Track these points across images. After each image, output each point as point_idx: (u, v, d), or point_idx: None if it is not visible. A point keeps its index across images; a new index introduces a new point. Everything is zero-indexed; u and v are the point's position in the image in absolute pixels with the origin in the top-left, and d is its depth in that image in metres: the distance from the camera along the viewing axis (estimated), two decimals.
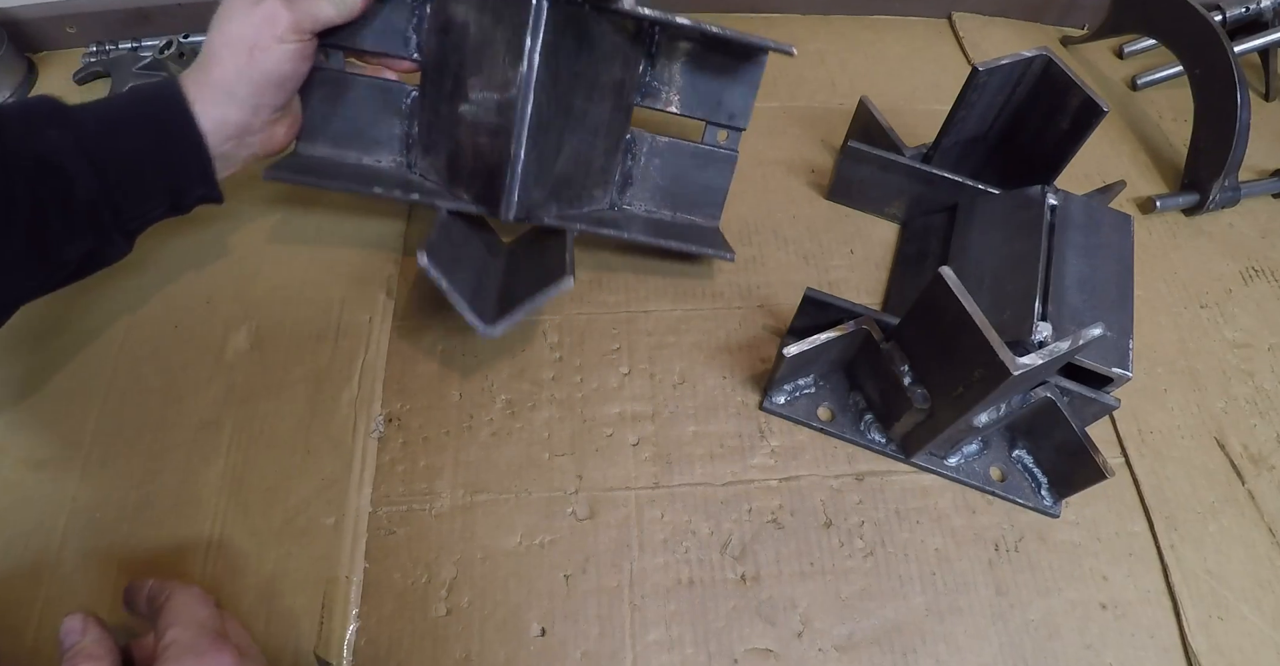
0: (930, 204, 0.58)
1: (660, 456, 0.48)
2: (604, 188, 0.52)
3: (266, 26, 0.42)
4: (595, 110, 0.48)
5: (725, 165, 0.53)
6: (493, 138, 0.45)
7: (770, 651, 0.42)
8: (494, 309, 0.46)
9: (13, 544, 0.43)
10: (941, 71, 0.72)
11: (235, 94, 0.42)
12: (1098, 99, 0.48)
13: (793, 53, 0.47)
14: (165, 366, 0.50)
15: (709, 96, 0.51)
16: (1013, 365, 0.36)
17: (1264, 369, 0.55)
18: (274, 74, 0.43)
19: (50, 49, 0.69)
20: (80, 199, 0.39)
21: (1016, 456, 0.49)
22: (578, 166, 0.49)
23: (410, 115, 0.50)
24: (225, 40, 0.42)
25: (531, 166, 0.45)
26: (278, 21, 0.42)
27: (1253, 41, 0.68)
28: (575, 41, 0.45)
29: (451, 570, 0.44)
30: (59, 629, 0.34)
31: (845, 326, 0.45)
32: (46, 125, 0.39)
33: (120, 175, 0.41)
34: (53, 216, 0.39)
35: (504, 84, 0.44)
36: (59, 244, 0.40)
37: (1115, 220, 0.53)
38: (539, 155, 0.45)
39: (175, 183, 0.43)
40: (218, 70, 0.42)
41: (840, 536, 0.46)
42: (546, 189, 0.48)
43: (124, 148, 0.41)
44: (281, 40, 0.42)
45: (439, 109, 0.48)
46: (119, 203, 0.41)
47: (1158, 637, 0.44)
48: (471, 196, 0.48)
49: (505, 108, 0.44)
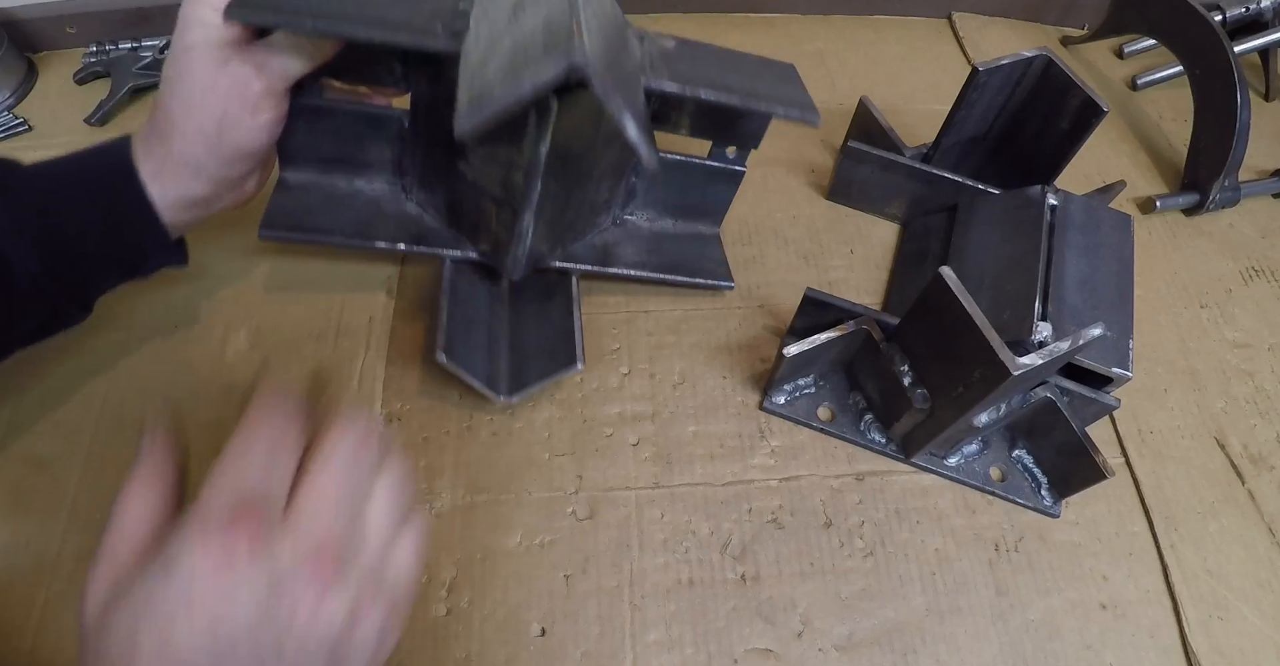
0: (930, 204, 0.58)
1: (660, 456, 0.48)
2: (606, 214, 0.52)
3: (236, 98, 0.36)
4: (604, 160, 0.45)
5: (732, 180, 0.52)
6: (497, 207, 0.43)
7: (770, 651, 0.42)
8: (507, 374, 0.47)
9: (13, 544, 0.43)
10: (941, 71, 0.72)
11: (202, 170, 0.38)
12: (1098, 99, 0.48)
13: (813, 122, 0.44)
14: (165, 366, 0.50)
15: (722, 124, 0.48)
16: (1013, 365, 0.36)
17: (1264, 369, 0.55)
18: (245, 148, 0.38)
19: (50, 49, 0.69)
20: (21, 280, 0.36)
21: (1016, 456, 0.49)
22: (581, 213, 0.48)
23: (402, 140, 0.46)
24: (187, 110, 0.36)
25: (540, 233, 0.44)
26: (249, 91, 0.36)
27: (1253, 41, 0.68)
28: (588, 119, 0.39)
29: (451, 570, 0.44)
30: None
31: (845, 326, 0.45)
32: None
33: (64, 253, 0.37)
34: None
35: (507, 162, 0.40)
36: (8, 321, 0.38)
37: (1115, 220, 0.53)
38: (546, 219, 0.44)
39: (127, 256, 0.40)
40: (179, 144, 0.37)
41: (840, 536, 0.46)
42: (551, 245, 0.48)
43: (68, 223, 0.37)
44: (255, 112, 0.37)
45: (434, 154, 0.45)
46: (65, 278, 0.38)
47: (1158, 637, 0.44)
48: (477, 250, 0.48)
49: (510, 189, 0.41)
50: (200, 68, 0.36)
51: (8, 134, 0.62)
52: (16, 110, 0.64)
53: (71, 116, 0.63)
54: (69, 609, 0.41)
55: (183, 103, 0.36)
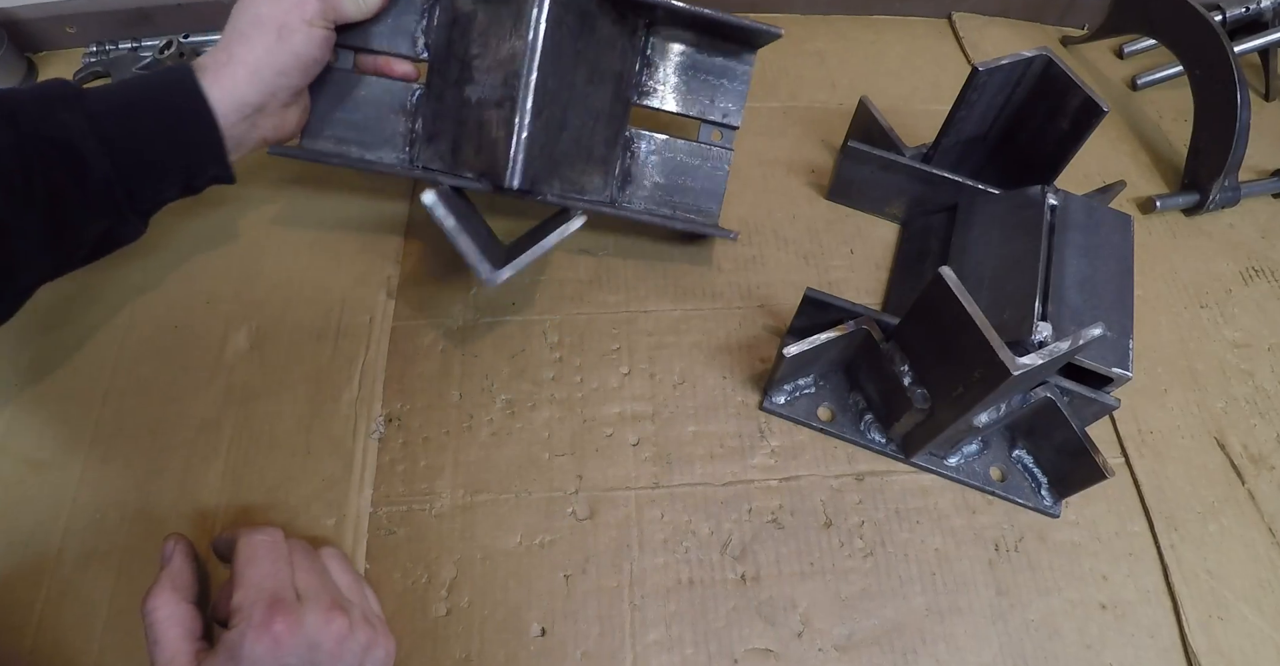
0: (930, 204, 0.58)
1: (660, 456, 0.48)
2: (604, 177, 0.52)
3: (296, 9, 0.42)
4: (597, 93, 0.49)
5: (720, 163, 0.54)
6: (498, 109, 0.46)
7: (770, 651, 0.42)
8: (500, 260, 0.46)
9: (13, 544, 0.43)
10: (941, 71, 0.72)
11: (259, 73, 0.43)
12: (1098, 99, 0.48)
13: (780, 34, 0.48)
14: (165, 366, 0.50)
15: (702, 95, 0.52)
16: (1013, 365, 0.36)
17: (1264, 369, 0.55)
18: (300, 56, 0.44)
19: (50, 49, 0.69)
20: (95, 181, 0.40)
21: (1016, 456, 0.49)
22: (579, 148, 0.50)
23: (414, 112, 0.50)
24: (253, 20, 0.42)
25: (536, 134, 0.45)
26: (307, 5, 0.43)
27: (1253, 41, 0.68)
28: (578, 21, 0.46)
29: (451, 570, 0.44)
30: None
31: (845, 326, 0.45)
32: (61, 108, 0.39)
33: (134, 157, 0.41)
34: (69, 198, 0.40)
35: (510, 57, 0.45)
36: (76, 225, 0.41)
37: (1115, 220, 0.53)
38: (544, 124, 0.46)
39: (188, 163, 0.44)
40: (242, 49, 0.42)
41: (840, 536, 0.46)
42: (550, 164, 0.48)
43: (138, 130, 0.41)
44: (310, 23, 0.43)
45: (444, 97, 0.49)
46: (133, 183, 0.42)
47: (1158, 637, 0.44)
48: (475, 173, 0.48)
49: (511, 78, 0.45)
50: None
51: None
52: None
53: None
54: (69, 609, 0.41)
55: (248, 14, 0.43)
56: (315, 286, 0.54)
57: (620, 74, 0.51)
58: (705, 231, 0.54)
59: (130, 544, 0.44)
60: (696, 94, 0.52)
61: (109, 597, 0.42)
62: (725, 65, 0.52)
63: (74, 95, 0.40)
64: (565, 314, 0.54)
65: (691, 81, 0.52)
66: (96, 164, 0.40)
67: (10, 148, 0.38)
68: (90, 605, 0.42)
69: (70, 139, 0.39)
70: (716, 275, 0.56)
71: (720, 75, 0.52)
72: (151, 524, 0.44)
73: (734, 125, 0.53)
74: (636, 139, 0.53)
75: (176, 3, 0.66)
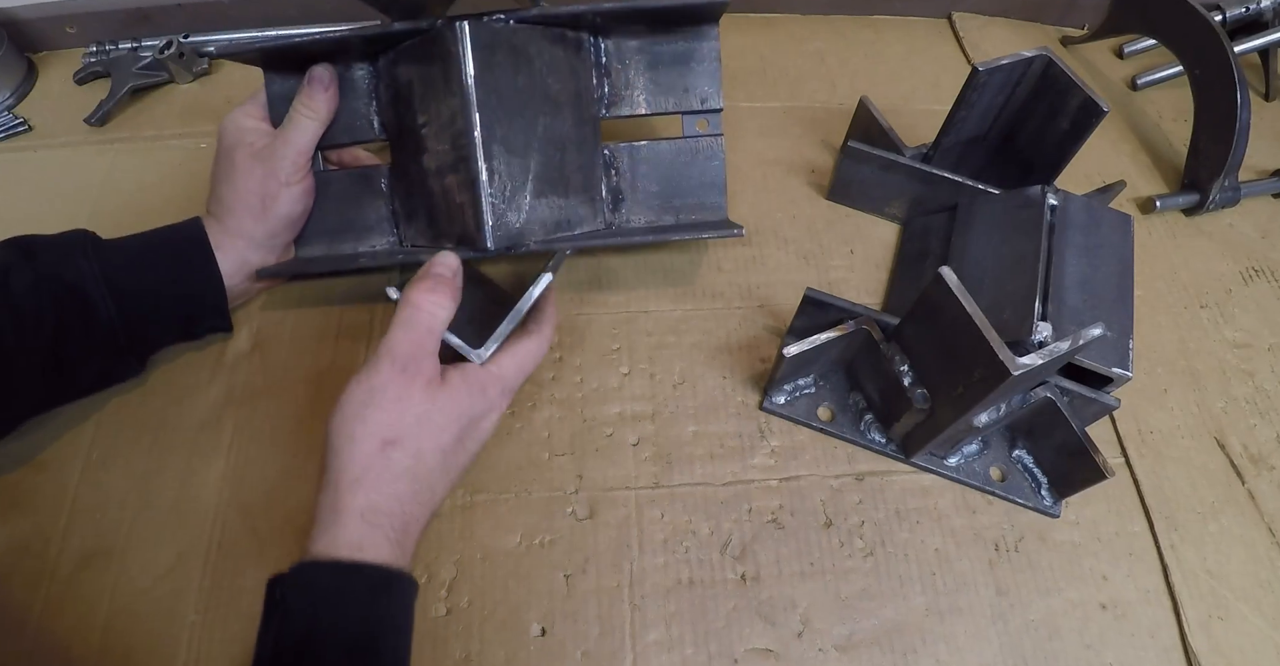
0: (930, 204, 0.58)
1: (660, 456, 0.48)
2: (591, 205, 0.50)
3: (271, 178, 0.46)
4: (556, 123, 0.47)
5: (713, 153, 0.52)
6: (455, 173, 0.45)
7: (770, 651, 0.42)
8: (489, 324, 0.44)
9: (13, 544, 0.43)
10: (941, 71, 0.72)
11: (253, 239, 0.47)
12: (1098, 99, 0.48)
13: (726, 3, 0.46)
14: (165, 366, 0.50)
15: (674, 87, 0.50)
16: (1013, 365, 0.36)
17: (1264, 369, 0.55)
18: (286, 216, 0.48)
19: (50, 49, 0.69)
20: (100, 323, 0.43)
21: (1016, 456, 0.49)
22: (554, 185, 0.47)
23: (390, 192, 0.51)
24: (237, 195, 0.47)
25: (500, 188, 0.44)
26: (279, 170, 0.46)
27: (1253, 41, 0.68)
28: (510, 58, 0.44)
29: (451, 570, 0.44)
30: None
31: (845, 326, 0.45)
32: (79, 255, 0.43)
33: (139, 304, 0.45)
34: (73, 336, 0.43)
35: (451, 117, 0.44)
36: (76, 361, 0.44)
37: (1115, 220, 0.53)
38: (506, 175, 0.44)
39: (190, 314, 0.48)
40: (233, 221, 0.47)
41: (840, 536, 0.46)
42: (523, 212, 0.46)
43: (146, 280, 0.45)
44: (287, 184, 0.47)
45: (409, 172, 0.49)
46: (135, 328, 0.45)
47: (1158, 637, 0.44)
48: (454, 242, 0.47)
49: (459, 138, 0.44)
50: (242, 162, 0.46)
51: (8, 134, 0.62)
52: (17, 110, 0.64)
53: (71, 116, 0.63)
54: (69, 609, 0.41)
55: (231, 190, 0.47)
56: (315, 286, 0.54)
57: (577, 94, 0.48)
58: (707, 237, 0.52)
59: (130, 544, 0.44)
60: (667, 87, 0.50)
61: (109, 597, 0.42)
62: (687, 48, 0.49)
63: (94, 244, 0.45)
64: (565, 314, 0.54)
65: (658, 76, 0.50)
66: (103, 307, 0.43)
67: (28, 286, 0.42)
68: (90, 605, 0.42)
69: (83, 284, 0.43)
70: (716, 275, 0.56)
71: (685, 60, 0.49)
72: (151, 524, 0.44)
73: (716, 108, 0.50)
74: (616, 155, 0.51)
75: (177, 3, 0.66)
